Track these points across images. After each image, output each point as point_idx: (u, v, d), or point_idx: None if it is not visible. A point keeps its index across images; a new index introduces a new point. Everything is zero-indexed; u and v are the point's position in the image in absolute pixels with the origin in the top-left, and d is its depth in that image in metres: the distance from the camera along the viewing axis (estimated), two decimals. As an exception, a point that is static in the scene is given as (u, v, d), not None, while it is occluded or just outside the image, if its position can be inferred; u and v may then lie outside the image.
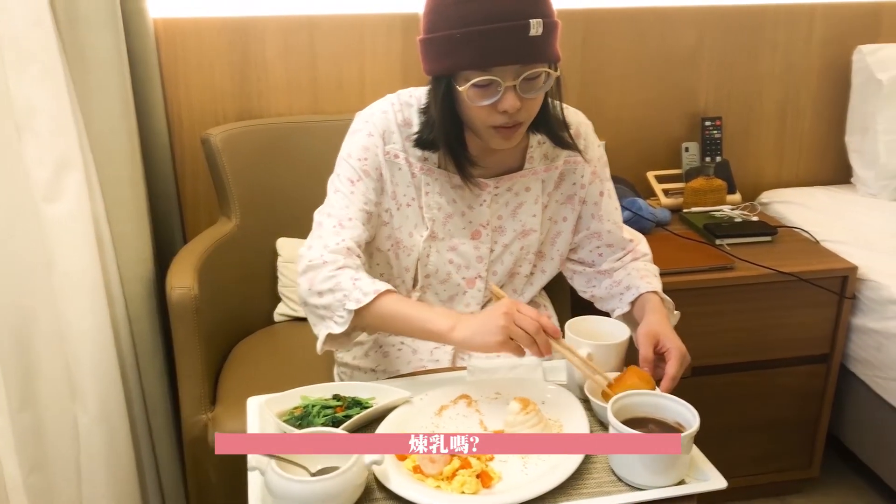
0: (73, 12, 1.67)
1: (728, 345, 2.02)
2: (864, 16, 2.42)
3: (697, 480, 1.09)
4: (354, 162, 1.36)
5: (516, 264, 1.47)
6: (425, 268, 1.43)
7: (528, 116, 1.28)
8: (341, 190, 1.35)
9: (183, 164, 2.15)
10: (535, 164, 1.43)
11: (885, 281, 1.98)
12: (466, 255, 1.44)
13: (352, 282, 1.25)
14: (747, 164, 2.51)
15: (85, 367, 1.69)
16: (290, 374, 1.81)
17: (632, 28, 2.30)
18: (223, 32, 2.08)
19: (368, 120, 1.38)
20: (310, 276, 1.28)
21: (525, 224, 1.44)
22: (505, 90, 1.21)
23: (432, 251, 1.42)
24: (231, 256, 1.93)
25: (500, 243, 1.45)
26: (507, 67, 1.21)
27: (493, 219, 1.43)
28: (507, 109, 1.22)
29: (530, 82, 1.23)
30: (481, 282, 1.46)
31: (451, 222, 1.41)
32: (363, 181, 1.35)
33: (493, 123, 1.25)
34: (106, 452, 1.75)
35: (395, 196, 1.39)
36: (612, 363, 1.27)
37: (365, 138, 1.36)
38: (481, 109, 1.24)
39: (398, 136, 1.37)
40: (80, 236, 1.66)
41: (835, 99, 2.48)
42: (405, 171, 1.38)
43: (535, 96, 1.25)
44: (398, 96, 1.39)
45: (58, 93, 1.61)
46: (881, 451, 2.06)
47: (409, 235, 1.41)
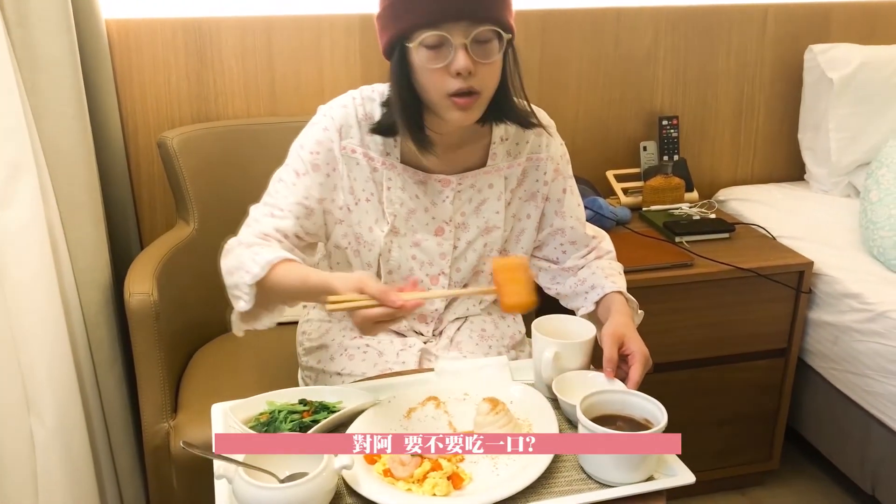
0: (22, 11, 1.62)
1: (688, 341, 2.04)
2: (814, 16, 2.47)
3: (666, 476, 1.10)
4: (305, 154, 1.37)
5: (480, 261, 1.47)
6: (387, 263, 1.42)
7: (483, 86, 1.27)
8: (285, 180, 1.37)
9: (139, 168, 2.11)
10: (498, 161, 1.43)
11: (840, 275, 2.02)
12: (429, 251, 1.43)
13: (252, 257, 1.26)
14: (704, 163, 2.54)
15: (41, 378, 1.65)
16: (253, 379, 1.79)
17: (589, 29, 2.32)
18: (178, 33, 2.04)
19: (327, 114, 1.38)
20: (223, 259, 1.32)
21: (488, 221, 1.45)
22: (456, 49, 1.21)
23: (394, 246, 1.41)
24: (190, 261, 1.89)
25: (464, 240, 1.45)
26: (457, 24, 1.21)
27: (456, 215, 1.43)
28: (459, 70, 1.22)
29: (482, 45, 1.24)
30: (445, 279, 1.46)
31: (414, 218, 1.41)
32: (309, 175, 1.36)
33: (449, 90, 1.24)
34: (64, 465, 1.70)
35: (352, 191, 1.39)
36: (579, 361, 1.27)
37: (320, 132, 1.37)
38: (435, 75, 1.24)
39: (357, 131, 1.37)
40: (33, 243, 1.61)
41: (788, 98, 2.53)
42: (364, 166, 1.38)
43: (489, 62, 1.25)
44: (360, 91, 1.39)
45: (7, 94, 1.56)
46: (839, 443, 2.11)
47: (368, 230, 1.40)
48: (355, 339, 1.48)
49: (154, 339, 1.67)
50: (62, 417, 1.69)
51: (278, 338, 1.86)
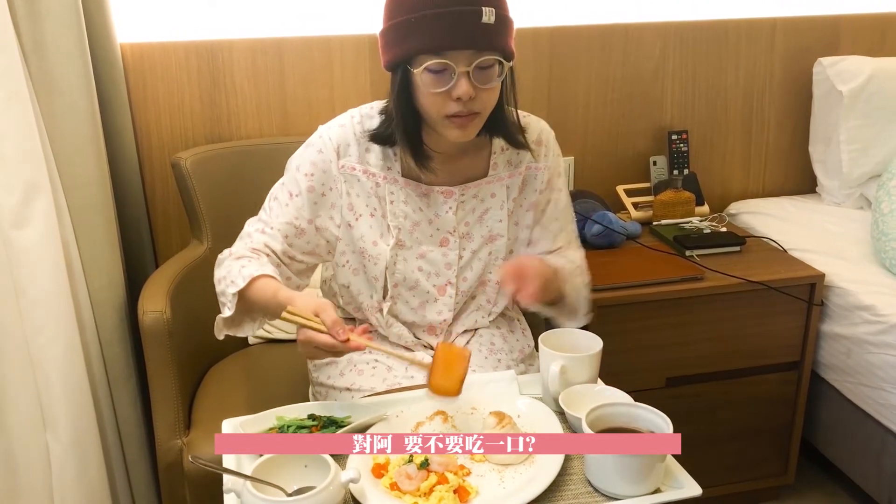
0: (38, 38, 1.66)
1: (700, 355, 2.04)
2: (823, 29, 2.48)
3: (672, 488, 1.10)
4: (300, 176, 1.41)
5: (486, 270, 1.49)
6: (393, 276, 1.44)
7: (483, 108, 1.30)
8: (279, 199, 1.43)
9: (153, 188, 2.14)
10: (499, 171, 1.46)
11: (852, 287, 2.01)
12: (435, 262, 1.45)
13: (238, 269, 1.33)
14: (714, 177, 2.54)
15: (56, 394, 1.67)
16: (266, 396, 1.80)
17: (598, 45, 2.33)
18: (191, 56, 2.08)
19: (323, 135, 1.41)
20: (216, 269, 1.41)
21: (492, 229, 1.46)
22: (458, 76, 1.24)
23: (399, 259, 1.43)
24: (203, 279, 1.90)
25: (469, 250, 1.46)
26: (461, 53, 1.24)
27: (459, 225, 1.45)
28: (460, 96, 1.25)
29: (484, 71, 1.26)
30: (452, 288, 1.47)
31: (419, 230, 1.43)
32: (303, 196, 1.40)
33: (448, 112, 1.28)
34: (79, 480, 1.72)
35: (352, 208, 1.41)
36: (586, 375, 1.28)
37: (315, 154, 1.41)
38: (436, 97, 1.27)
39: (355, 149, 1.40)
40: (49, 262, 1.64)
41: (797, 110, 2.53)
42: (365, 183, 1.40)
43: (489, 87, 1.28)
44: (360, 109, 1.42)
45: (24, 118, 1.60)
46: (854, 456, 2.09)
47: (373, 244, 1.42)
48: (364, 355, 1.49)
49: (168, 357, 1.68)
50: (77, 433, 1.71)
51: (291, 355, 1.88)
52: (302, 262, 1.46)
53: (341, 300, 1.53)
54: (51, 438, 1.69)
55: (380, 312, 1.47)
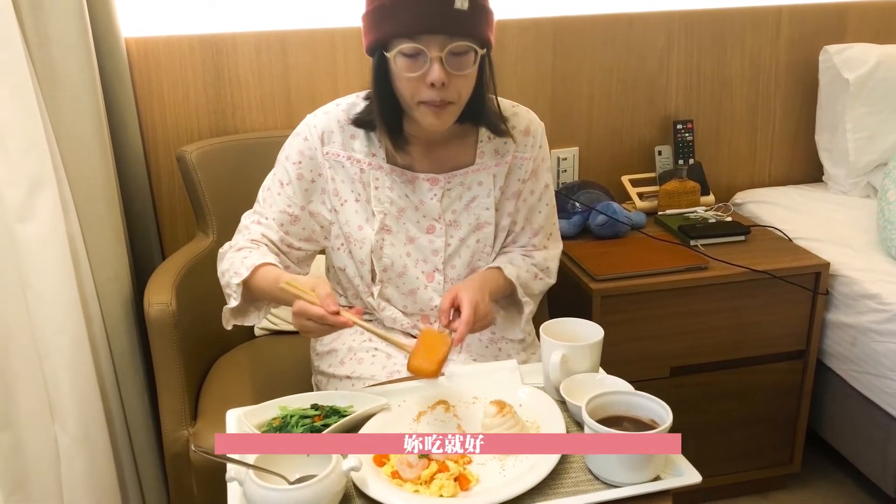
0: (42, 32, 1.67)
1: (705, 344, 2.04)
2: (829, 16, 2.46)
3: (672, 476, 1.11)
4: (289, 165, 1.44)
5: (474, 258, 1.49)
6: (381, 261, 1.45)
7: (458, 96, 1.31)
8: (271, 189, 1.47)
9: (159, 181, 2.15)
10: (486, 160, 1.47)
11: (858, 276, 2.01)
12: (423, 248, 1.47)
13: (241, 259, 1.37)
14: (720, 166, 2.54)
15: (64, 386, 1.69)
16: (271, 387, 1.81)
17: (602, 34, 2.33)
18: (195, 50, 2.08)
19: (309, 123, 1.45)
20: (219, 263, 1.44)
21: (479, 217, 1.47)
22: (431, 61, 1.25)
23: (386, 244, 1.45)
24: (209, 272, 1.91)
25: (456, 237, 1.47)
26: (434, 38, 1.25)
27: (446, 213, 1.46)
28: (433, 81, 1.26)
29: (457, 58, 1.27)
30: (440, 275, 1.48)
31: (405, 216, 1.45)
32: (293, 184, 1.44)
33: (422, 98, 1.29)
34: (87, 471, 1.74)
35: (337, 193, 1.44)
36: (587, 364, 1.28)
37: (301, 142, 1.44)
38: (410, 82, 1.28)
39: (339, 136, 1.43)
40: (54, 255, 1.65)
41: (803, 99, 2.52)
42: (349, 168, 1.43)
43: (464, 74, 1.29)
44: (346, 98, 1.45)
45: (29, 112, 1.61)
46: (860, 445, 2.09)
47: (358, 229, 1.44)
48: (364, 343, 1.51)
49: (173, 348, 1.70)
50: (85, 425, 1.73)
51: (296, 346, 1.89)
52: (300, 249, 1.48)
53: (339, 287, 1.55)
54: (59, 431, 1.71)
55: (371, 296, 1.49)
